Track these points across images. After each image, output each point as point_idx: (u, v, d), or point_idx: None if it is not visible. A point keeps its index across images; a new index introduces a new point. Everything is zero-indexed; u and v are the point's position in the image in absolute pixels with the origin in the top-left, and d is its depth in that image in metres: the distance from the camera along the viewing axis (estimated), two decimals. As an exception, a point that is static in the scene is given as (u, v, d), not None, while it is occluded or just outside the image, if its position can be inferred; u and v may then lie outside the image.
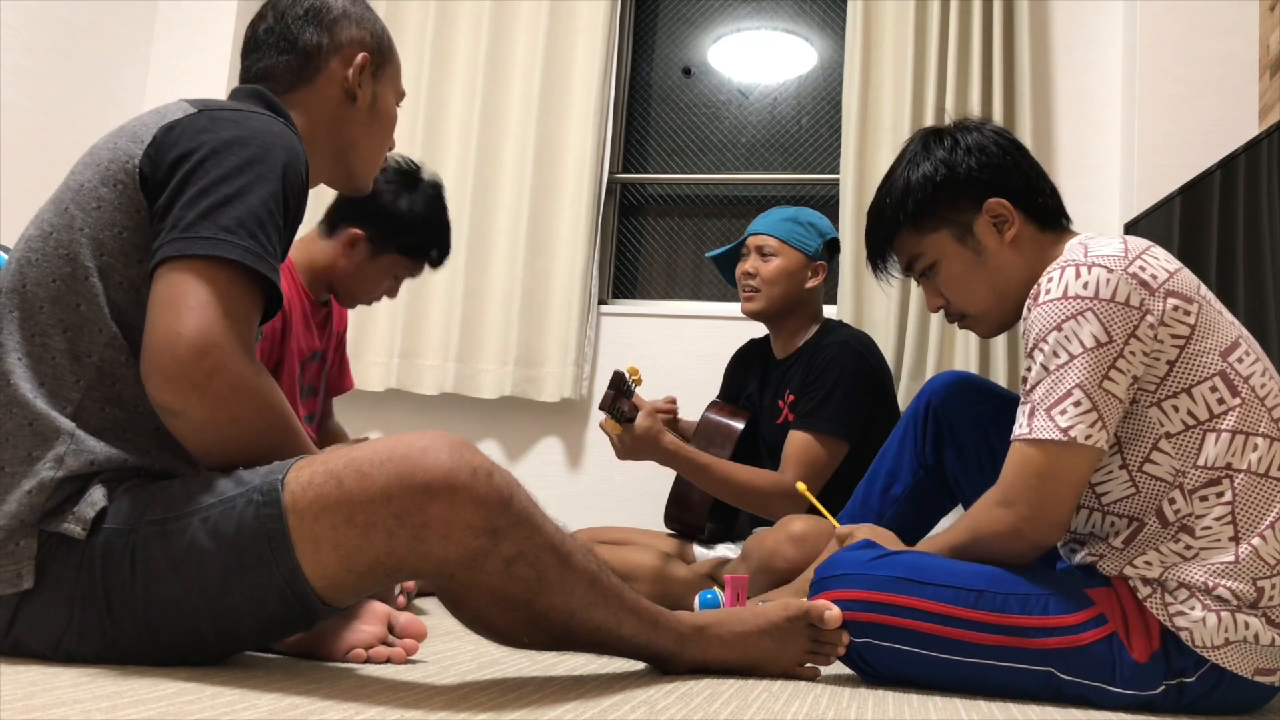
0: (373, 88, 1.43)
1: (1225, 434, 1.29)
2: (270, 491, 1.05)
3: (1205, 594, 1.27)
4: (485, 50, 3.34)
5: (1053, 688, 1.31)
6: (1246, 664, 1.27)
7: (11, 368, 1.14)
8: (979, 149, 1.50)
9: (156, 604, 1.07)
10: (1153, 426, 1.31)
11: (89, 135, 3.22)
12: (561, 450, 3.28)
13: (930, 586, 1.34)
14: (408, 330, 3.31)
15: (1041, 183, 1.51)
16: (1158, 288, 1.30)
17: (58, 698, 0.92)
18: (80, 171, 1.21)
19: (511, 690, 1.13)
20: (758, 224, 2.44)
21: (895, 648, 1.35)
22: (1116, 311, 1.29)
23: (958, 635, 1.32)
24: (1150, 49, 2.85)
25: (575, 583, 1.13)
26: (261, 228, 1.13)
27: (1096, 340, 1.28)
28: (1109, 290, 1.29)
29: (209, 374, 1.06)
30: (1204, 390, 1.29)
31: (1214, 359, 1.30)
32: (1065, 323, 1.30)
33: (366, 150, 1.45)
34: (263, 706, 0.94)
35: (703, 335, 3.19)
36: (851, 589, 1.37)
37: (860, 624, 1.35)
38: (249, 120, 1.20)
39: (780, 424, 2.35)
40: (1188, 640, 1.27)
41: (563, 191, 3.28)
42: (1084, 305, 1.29)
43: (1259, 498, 1.28)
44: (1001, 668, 1.32)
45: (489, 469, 1.06)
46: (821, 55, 3.43)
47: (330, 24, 1.40)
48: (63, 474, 1.10)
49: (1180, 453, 1.30)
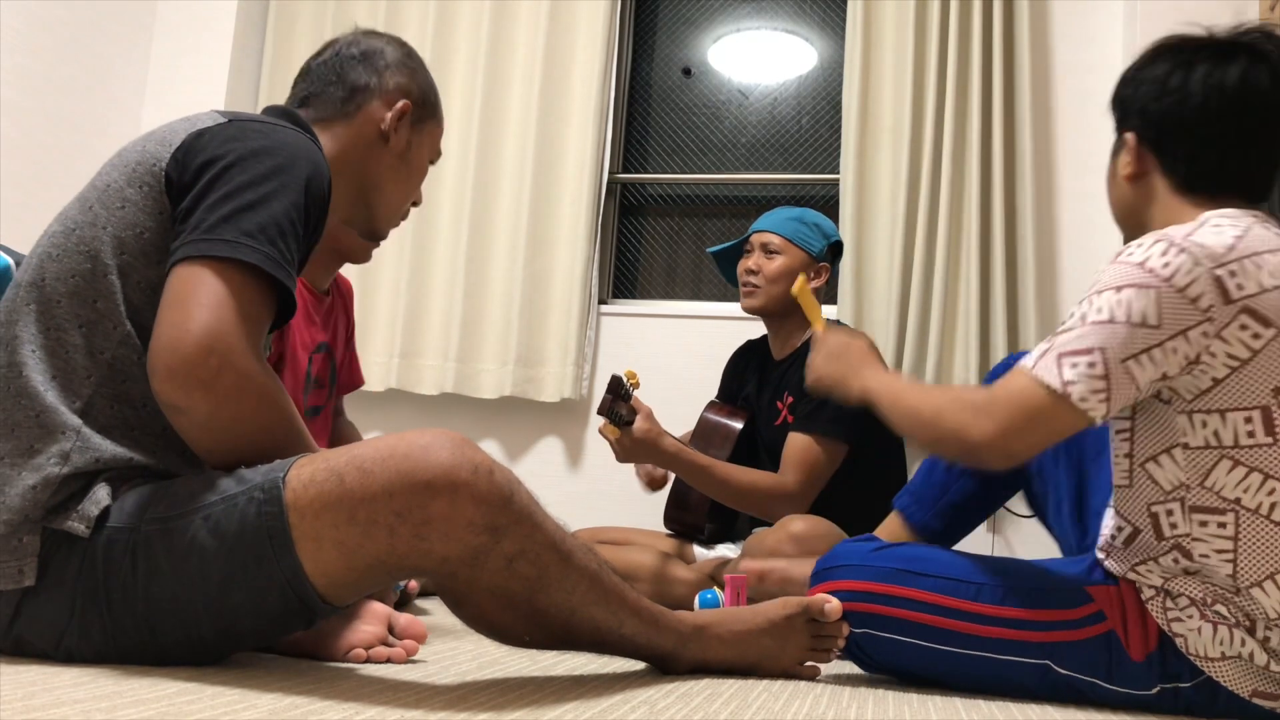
0: (409, 136, 1.49)
1: (1243, 468, 1.23)
2: (272, 489, 1.05)
3: (1205, 606, 1.26)
4: (485, 50, 3.34)
5: (1049, 681, 1.31)
6: (1243, 684, 1.25)
7: (25, 359, 1.14)
8: (1164, 89, 1.39)
9: (157, 602, 1.07)
10: (1175, 432, 1.27)
11: (89, 135, 3.22)
12: (561, 450, 3.28)
13: (930, 578, 1.35)
14: (408, 330, 3.31)
15: (1207, 149, 1.35)
16: (1238, 299, 1.21)
17: (58, 698, 0.92)
18: (107, 172, 1.23)
19: (511, 690, 1.13)
20: (763, 221, 2.44)
21: (894, 639, 1.35)
22: (1181, 305, 1.22)
23: (956, 627, 1.32)
24: (1150, 49, 2.85)
25: (576, 581, 1.13)
26: (281, 235, 1.14)
27: (1145, 319, 1.22)
28: (1184, 281, 1.22)
29: (215, 372, 1.06)
30: (1238, 418, 1.23)
31: (1264, 392, 1.22)
32: (1126, 289, 1.24)
33: (390, 194, 1.51)
34: (263, 706, 0.94)
35: (703, 335, 3.19)
36: (852, 580, 1.37)
37: (860, 615, 1.36)
38: (276, 132, 1.22)
39: (779, 425, 2.35)
40: (1182, 647, 1.26)
41: (563, 191, 3.28)
42: (1154, 282, 1.22)
43: (1265, 543, 1.23)
44: (999, 660, 1.32)
45: (490, 467, 1.06)
46: (821, 55, 3.43)
47: (381, 69, 1.48)
48: (68, 470, 1.10)
49: (1191, 467, 1.26)
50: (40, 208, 2.99)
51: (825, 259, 2.43)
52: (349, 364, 2.33)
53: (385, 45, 1.52)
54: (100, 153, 3.24)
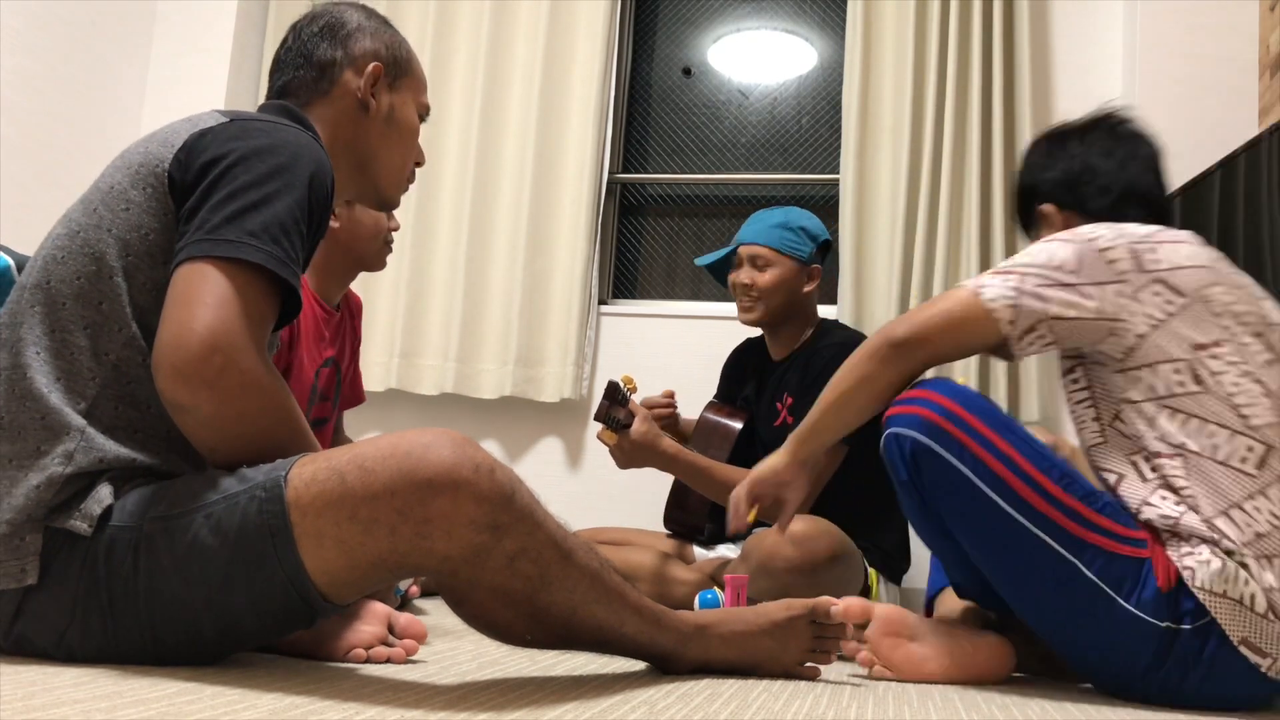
0: (389, 98, 1.46)
1: (1182, 414, 1.37)
2: (273, 487, 1.05)
3: (1213, 544, 1.32)
4: (485, 50, 3.34)
5: (1069, 584, 1.34)
6: (1235, 627, 1.30)
7: (29, 361, 1.14)
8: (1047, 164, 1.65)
9: (159, 601, 1.07)
10: (1120, 390, 1.41)
11: (89, 135, 3.22)
12: (561, 450, 3.28)
13: (1025, 443, 1.40)
14: (408, 330, 3.31)
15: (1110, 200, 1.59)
16: (1150, 270, 1.40)
17: (58, 698, 0.92)
18: (110, 174, 1.23)
19: (511, 690, 1.13)
20: (747, 232, 2.41)
21: (958, 467, 1.39)
22: (1098, 263, 1.40)
23: (1021, 490, 1.37)
24: (1150, 49, 2.85)
25: (577, 579, 1.13)
26: (285, 234, 1.14)
27: (1064, 265, 1.41)
28: (1105, 244, 1.41)
29: (219, 370, 1.06)
30: (1167, 370, 1.38)
31: (1184, 348, 1.38)
32: (1054, 242, 1.44)
33: (387, 161, 1.47)
34: (263, 706, 0.94)
35: (703, 335, 3.18)
36: (958, 404, 1.42)
37: (947, 434, 1.40)
38: (279, 131, 1.22)
39: (778, 426, 2.34)
40: (1189, 580, 1.31)
41: (563, 191, 3.28)
42: (1078, 242, 1.42)
43: (1213, 482, 1.34)
44: (1037, 538, 1.35)
45: (491, 465, 1.06)
46: (821, 55, 3.43)
47: (344, 38, 1.44)
48: (71, 470, 1.10)
49: (1141, 419, 1.39)
50: (40, 208, 2.99)
51: (816, 261, 2.42)
52: (352, 379, 2.33)
53: (344, 12, 1.48)
54: (100, 153, 3.24)
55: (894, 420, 1.45)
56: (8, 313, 1.20)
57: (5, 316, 1.20)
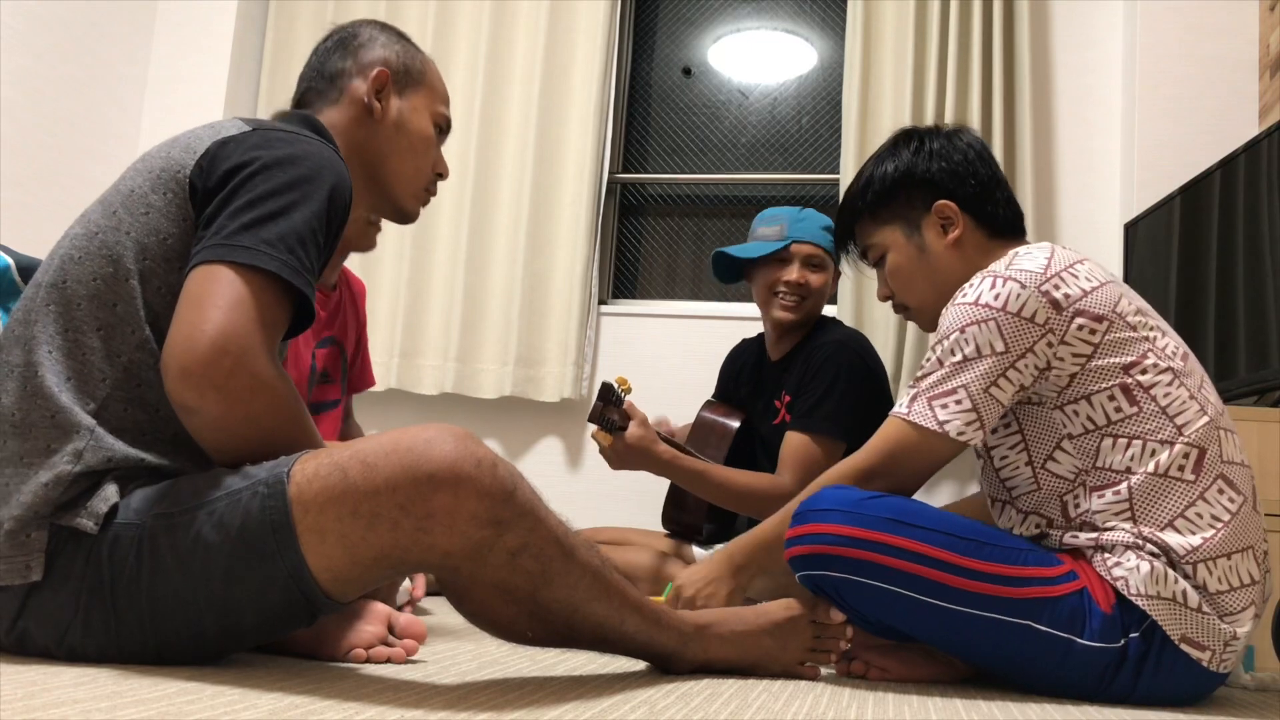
0: (397, 104, 1.48)
1: (1124, 439, 1.37)
2: (276, 483, 1.05)
3: (1137, 549, 1.33)
4: (485, 50, 3.34)
5: (1029, 643, 1.33)
6: (1174, 625, 1.31)
7: (41, 360, 1.15)
8: (941, 154, 1.58)
9: (161, 598, 1.07)
10: (1057, 427, 1.40)
11: (89, 135, 3.22)
12: (561, 450, 3.28)
13: (923, 530, 1.35)
14: (408, 330, 3.31)
15: (997, 192, 1.58)
16: (1068, 307, 1.38)
17: (58, 697, 0.91)
18: (131, 177, 1.23)
19: (511, 690, 1.13)
20: (802, 230, 2.37)
21: (880, 587, 1.34)
22: (1020, 326, 1.38)
23: (946, 580, 1.33)
24: (1150, 49, 2.85)
25: (579, 576, 1.13)
26: (301, 244, 1.14)
27: (993, 349, 1.38)
28: (1017, 305, 1.38)
29: (228, 373, 1.06)
30: (1102, 398, 1.37)
31: (1115, 373, 1.37)
32: (969, 327, 1.39)
33: (397, 168, 1.49)
34: (263, 706, 0.94)
35: (702, 335, 3.19)
36: (839, 524, 1.36)
37: (844, 559, 1.35)
38: (301, 142, 1.22)
39: (777, 424, 2.34)
40: (1124, 590, 1.31)
41: (563, 191, 3.28)
42: (990, 314, 1.38)
43: (1157, 497, 1.35)
44: (983, 618, 1.33)
45: (493, 460, 1.06)
46: (821, 55, 3.44)
47: (355, 49, 1.48)
48: (80, 469, 1.10)
49: (1081, 453, 1.39)
50: (40, 208, 2.99)
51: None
52: (360, 363, 2.31)
53: (360, 28, 1.52)
54: (100, 153, 3.24)
55: (793, 563, 1.41)
56: (22, 310, 1.20)
57: (20, 314, 1.20)
